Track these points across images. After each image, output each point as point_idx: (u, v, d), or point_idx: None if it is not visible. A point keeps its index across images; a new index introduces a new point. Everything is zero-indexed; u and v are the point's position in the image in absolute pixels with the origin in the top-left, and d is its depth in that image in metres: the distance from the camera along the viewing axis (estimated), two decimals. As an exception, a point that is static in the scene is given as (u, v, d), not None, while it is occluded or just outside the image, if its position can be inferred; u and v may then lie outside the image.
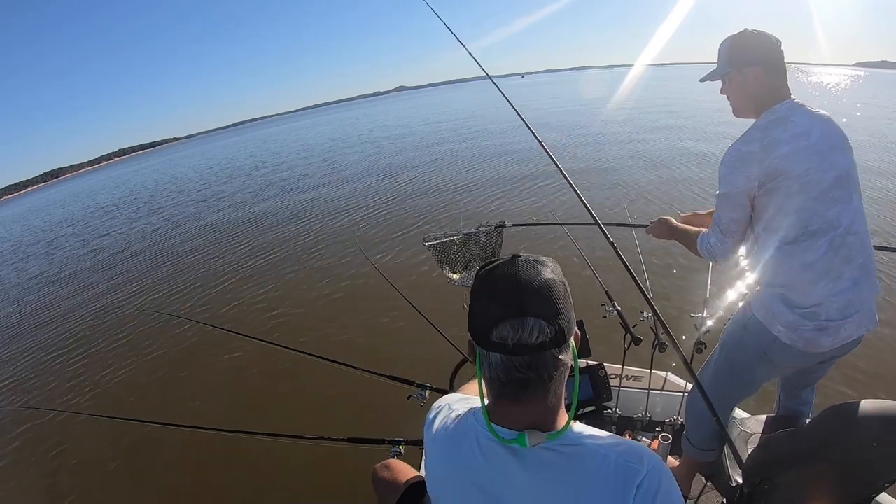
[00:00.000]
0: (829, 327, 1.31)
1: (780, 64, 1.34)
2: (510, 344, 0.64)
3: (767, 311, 1.39)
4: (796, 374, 1.60)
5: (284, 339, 4.42)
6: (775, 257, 1.35)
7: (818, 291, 1.30)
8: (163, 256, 8.62)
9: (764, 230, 1.37)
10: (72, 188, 47.56)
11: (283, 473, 2.94)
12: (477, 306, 0.69)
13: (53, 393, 4.56)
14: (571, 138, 13.76)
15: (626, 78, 60.07)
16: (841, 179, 1.29)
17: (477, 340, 0.68)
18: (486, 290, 0.69)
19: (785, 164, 1.26)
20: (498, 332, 0.64)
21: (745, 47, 1.35)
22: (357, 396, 3.23)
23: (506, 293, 0.66)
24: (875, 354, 3.18)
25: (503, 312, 0.65)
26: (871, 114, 16.19)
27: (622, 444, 0.68)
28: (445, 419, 0.81)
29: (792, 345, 1.35)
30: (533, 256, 0.71)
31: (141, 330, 5.51)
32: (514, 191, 8.68)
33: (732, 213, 1.38)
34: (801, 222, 1.29)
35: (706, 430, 1.65)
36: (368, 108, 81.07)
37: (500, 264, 0.70)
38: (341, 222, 8.44)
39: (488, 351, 0.66)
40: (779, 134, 1.29)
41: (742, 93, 1.40)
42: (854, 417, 1.11)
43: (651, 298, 1.51)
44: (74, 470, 3.43)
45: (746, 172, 1.31)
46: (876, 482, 1.08)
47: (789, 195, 1.28)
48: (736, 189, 1.34)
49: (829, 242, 1.28)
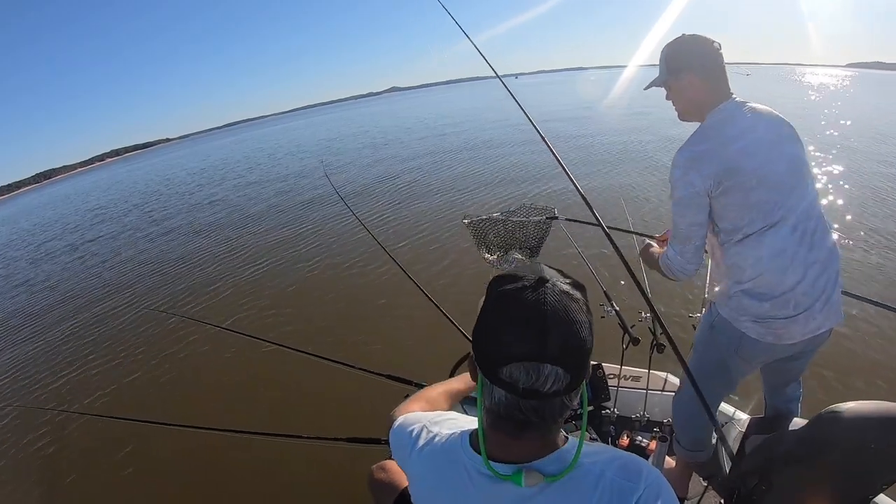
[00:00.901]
0: (799, 316, 1.32)
1: (717, 66, 1.35)
2: (520, 388, 0.58)
3: (734, 308, 1.41)
4: (773, 372, 1.61)
5: (281, 339, 4.41)
6: (741, 252, 1.36)
7: (788, 278, 1.31)
8: (160, 256, 8.55)
9: (723, 230, 1.38)
10: (64, 189, 47.17)
11: (281, 473, 2.93)
12: (488, 329, 0.61)
13: (52, 393, 4.52)
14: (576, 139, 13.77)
15: (620, 78, 60.28)
16: (793, 167, 1.32)
17: (481, 367, 0.62)
18: (503, 317, 0.59)
19: (741, 159, 1.28)
20: (508, 371, 0.58)
21: (678, 54, 1.38)
22: (355, 395, 3.22)
23: (526, 330, 0.57)
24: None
25: (519, 352, 0.57)
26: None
27: (619, 458, 0.66)
28: (427, 441, 0.76)
29: (760, 339, 1.37)
30: (563, 284, 0.61)
31: (139, 330, 5.47)
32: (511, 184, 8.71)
33: (692, 216, 1.36)
34: (764, 213, 1.30)
35: (693, 431, 1.67)
36: (364, 109, 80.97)
37: (525, 289, 0.59)
38: (342, 221, 8.42)
39: (492, 384, 0.60)
40: (729, 131, 1.31)
41: (681, 98, 1.41)
42: (851, 418, 1.11)
43: (650, 299, 1.51)
44: (74, 470, 3.40)
45: (702, 171, 1.30)
46: (874, 483, 1.09)
47: (749, 189, 1.29)
48: (693, 189, 1.32)
49: (793, 227, 1.31)
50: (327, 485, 2.79)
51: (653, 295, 2.01)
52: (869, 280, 4.29)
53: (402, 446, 0.81)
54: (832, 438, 1.12)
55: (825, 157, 9.12)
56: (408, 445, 0.78)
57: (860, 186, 7.23)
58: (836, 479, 1.11)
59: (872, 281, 4.27)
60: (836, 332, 1.43)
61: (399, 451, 0.82)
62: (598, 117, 19.56)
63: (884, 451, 1.05)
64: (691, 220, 1.36)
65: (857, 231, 5.40)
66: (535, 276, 0.61)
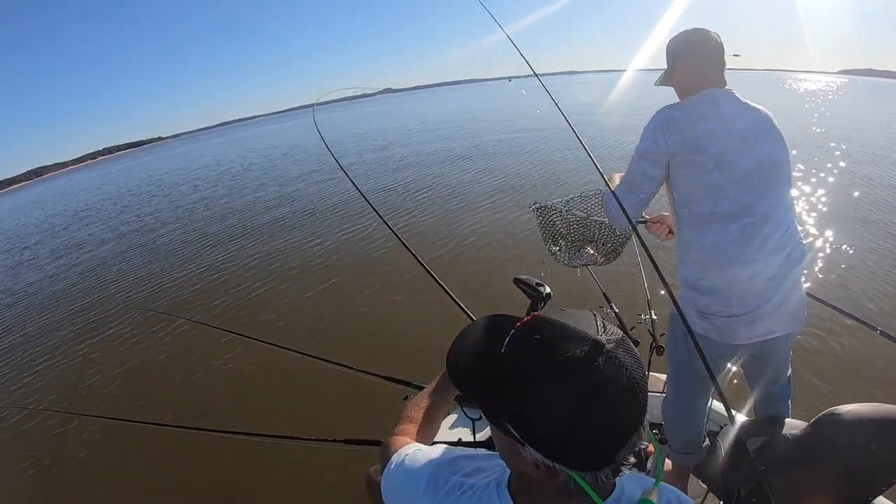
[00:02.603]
0: (743, 317, 1.33)
1: (711, 56, 1.41)
2: (633, 454, 0.52)
3: (683, 300, 1.42)
4: (748, 373, 1.62)
5: (279, 339, 4.39)
6: (688, 232, 1.40)
7: (729, 273, 1.32)
8: (158, 254, 8.49)
9: (676, 200, 1.42)
10: (57, 186, 46.66)
11: (278, 474, 2.91)
12: (586, 436, 0.50)
13: (50, 394, 4.48)
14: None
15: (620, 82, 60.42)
16: (762, 168, 1.32)
17: (587, 468, 0.52)
18: (599, 415, 0.49)
19: (704, 140, 1.32)
20: (623, 452, 0.51)
21: (676, 44, 1.46)
22: (353, 397, 3.21)
23: (629, 413, 0.50)
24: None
25: (628, 434, 0.51)
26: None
27: (664, 494, 0.63)
28: (448, 494, 0.65)
29: (705, 335, 1.38)
30: (611, 337, 0.52)
31: (137, 331, 5.43)
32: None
33: (647, 168, 1.41)
34: (713, 199, 1.32)
35: (680, 433, 1.69)
36: (360, 109, 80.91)
37: (596, 369, 0.49)
38: (342, 219, 8.39)
39: (595, 471, 0.53)
40: (707, 111, 1.35)
41: (679, 84, 1.48)
42: (850, 421, 1.11)
43: (650, 301, 1.52)
44: (72, 471, 3.37)
45: (668, 135, 1.36)
46: (873, 485, 1.09)
47: (705, 170, 1.32)
48: (655, 147, 1.39)
49: (742, 229, 1.31)
50: (324, 486, 2.78)
51: (652, 297, 2.03)
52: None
53: (409, 489, 0.70)
54: (832, 440, 1.12)
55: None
56: (417, 493, 0.68)
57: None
58: (836, 481, 1.11)
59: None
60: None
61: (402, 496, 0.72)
62: (600, 117, 19.62)
63: (883, 452, 1.05)
64: (645, 170, 1.42)
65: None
66: (581, 342, 0.50)
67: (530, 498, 0.60)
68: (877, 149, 10.73)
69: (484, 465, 0.69)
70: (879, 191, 7.31)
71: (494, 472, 0.66)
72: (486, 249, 6.06)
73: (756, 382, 1.65)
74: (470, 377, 0.60)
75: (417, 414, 0.93)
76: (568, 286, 2.65)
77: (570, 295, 2.23)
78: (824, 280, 4.48)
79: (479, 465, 0.69)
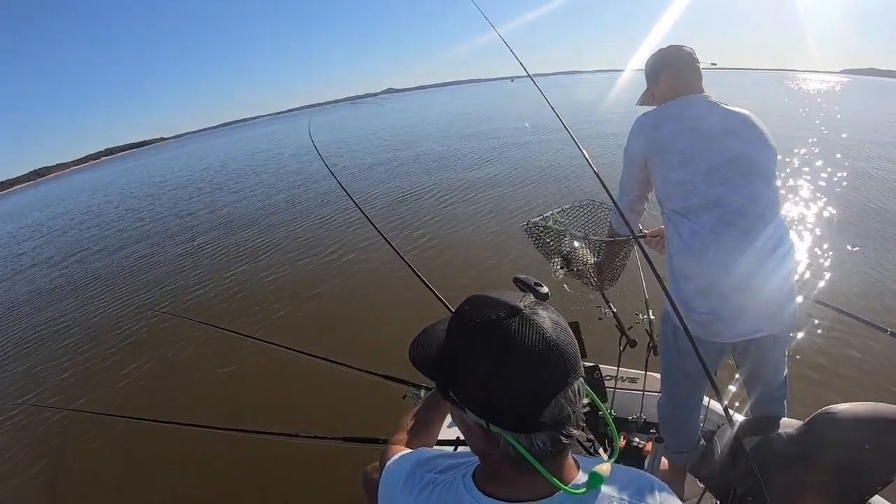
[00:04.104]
0: (726, 314, 1.34)
1: (687, 66, 1.50)
2: (565, 418, 0.55)
3: (672, 296, 1.42)
4: (743, 372, 1.61)
5: (280, 339, 4.40)
6: (669, 229, 1.46)
7: (706, 259, 1.34)
8: (159, 257, 8.51)
9: (660, 205, 1.49)
10: (59, 188, 46.74)
11: (277, 472, 2.92)
12: (507, 391, 0.55)
13: (53, 392, 4.50)
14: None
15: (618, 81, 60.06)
16: (736, 162, 1.35)
17: (518, 428, 0.56)
18: (517, 369, 0.54)
19: (666, 140, 1.41)
20: (549, 414, 0.54)
21: (654, 60, 1.57)
22: (352, 396, 3.22)
23: (547, 368, 0.54)
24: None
25: (552, 390, 0.54)
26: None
27: (634, 480, 0.64)
28: (421, 490, 0.69)
29: (691, 331, 1.38)
30: (529, 299, 0.59)
31: (139, 330, 5.46)
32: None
33: (628, 172, 1.56)
34: (682, 195, 1.38)
35: (674, 432, 1.70)
36: (361, 109, 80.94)
37: (511, 328, 0.55)
38: (341, 221, 8.42)
39: (532, 433, 0.55)
40: (672, 113, 1.43)
41: (659, 98, 1.56)
42: (846, 420, 1.12)
43: (648, 301, 1.53)
44: (74, 469, 3.40)
45: (637, 141, 1.49)
46: (868, 484, 1.09)
47: (671, 167, 1.40)
48: (630, 152, 1.53)
49: (718, 217, 1.33)
50: (322, 484, 2.79)
51: (650, 297, 2.03)
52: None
53: (392, 493, 0.73)
54: (827, 439, 1.13)
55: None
56: (396, 493, 0.71)
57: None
58: (832, 480, 1.12)
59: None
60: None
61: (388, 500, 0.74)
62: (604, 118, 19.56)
63: (878, 451, 1.06)
64: (627, 175, 1.57)
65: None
66: (502, 309, 0.57)
67: (492, 482, 0.62)
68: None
69: (457, 461, 0.73)
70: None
71: (466, 466, 0.69)
72: (488, 251, 6.10)
73: (751, 382, 1.65)
74: (423, 360, 0.67)
75: (413, 422, 0.98)
76: (566, 287, 2.65)
77: (567, 296, 2.24)
78: (832, 282, 4.46)
79: (453, 462, 0.73)
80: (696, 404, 1.66)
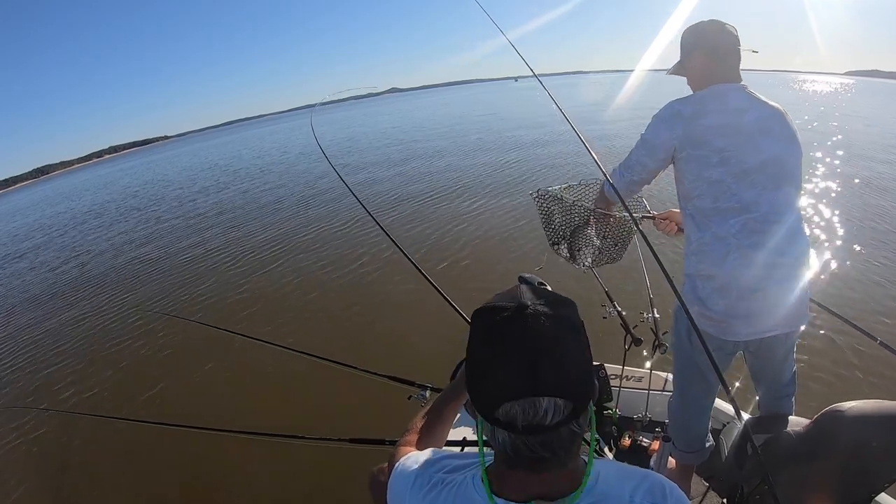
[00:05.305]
0: (740, 311, 1.33)
1: (726, 49, 1.39)
2: (519, 426, 0.54)
3: (685, 295, 1.42)
4: (752, 370, 1.62)
5: (284, 340, 4.42)
6: (690, 226, 1.42)
7: (727, 265, 1.32)
8: (164, 256, 8.53)
9: (684, 200, 1.44)
10: (63, 185, 46.82)
11: (283, 474, 2.93)
12: (477, 369, 0.58)
13: (53, 393, 4.51)
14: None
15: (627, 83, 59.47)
16: (767, 165, 1.31)
17: (477, 408, 0.58)
18: (489, 355, 0.56)
19: (708, 134, 1.32)
20: (504, 411, 0.54)
21: (691, 35, 1.44)
22: (358, 397, 3.23)
23: (513, 366, 0.54)
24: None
25: (511, 390, 0.53)
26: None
27: (644, 480, 0.64)
28: (430, 490, 0.69)
29: (705, 330, 1.37)
30: (543, 306, 0.57)
31: (140, 331, 5.46)
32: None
33: (645, 156, 1.46)
34: (714, 194, 1.33)
35: (683, 432, 1.68)
36: (368, 108, 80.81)
37: (505, 321, 0.56)
38: (343, 222, 8.41)
39: (492, 425, 0.56)
40: (713, 105, 1.35)
41: (691, 75, 1.47)
42: (853, 418, 1.12)
43: (652, 300, 1.52)
44: (75, 470, 3.41)
45: (671, 129, 1.38)
46: (875, 482, 1.09)
47: (709, 165, 1.33)
48: (657, 139, 1.41)
49: (743, 224, 1.30)
50: (329, 485, 2.79)
51: (655, 296, 2.03)
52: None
53: (402, 493, 0.73)
54: (835, 437, 1.13)
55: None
56: (405, 493, 0.71)
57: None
58: (839, 478, 1.11)
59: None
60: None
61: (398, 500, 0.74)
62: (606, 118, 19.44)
63: (886, 449, 1.06)
64: (643, 158, 1.47)
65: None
66: (513, 303, 0.57)
67: (500, 478, 0.62)
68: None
69: (465, 462, 0.73)
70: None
71: (474, 467, 0.69)
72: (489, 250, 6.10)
73: (760, 380, 1.64)
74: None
75: (421, 423, 0.98)
76: (571, 286, 2.65)
77: (572, 294, 2.24)
78: (833, 284, 4.44)
79: (461, 463, 0.72)
80: (709, 404, 1.65)
